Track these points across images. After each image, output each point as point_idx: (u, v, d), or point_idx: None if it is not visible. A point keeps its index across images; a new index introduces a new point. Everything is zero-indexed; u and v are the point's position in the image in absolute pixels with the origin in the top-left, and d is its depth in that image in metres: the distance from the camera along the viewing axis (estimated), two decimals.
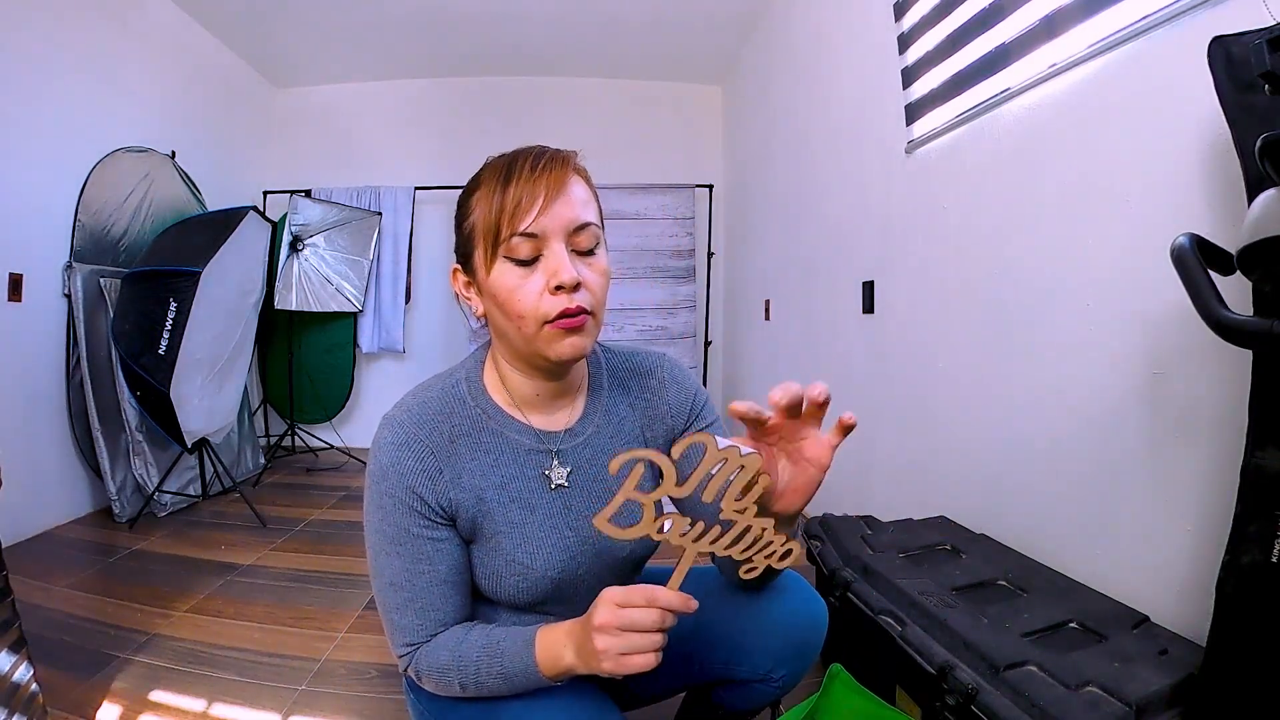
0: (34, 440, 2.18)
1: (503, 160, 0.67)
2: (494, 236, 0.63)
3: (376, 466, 0.67)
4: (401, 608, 0.67)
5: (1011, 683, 0.81)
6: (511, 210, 0.62)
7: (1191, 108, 0.96)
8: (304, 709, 1.21)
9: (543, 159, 0.65)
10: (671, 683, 0.87)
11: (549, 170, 0.64)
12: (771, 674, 0.79)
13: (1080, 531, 1.19)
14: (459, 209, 0.70)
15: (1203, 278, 0.68)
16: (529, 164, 0.64)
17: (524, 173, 0.63)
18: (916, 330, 1.77)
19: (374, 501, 0.68)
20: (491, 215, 0.63)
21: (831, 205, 2.30)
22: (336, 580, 1.84)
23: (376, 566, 0.68)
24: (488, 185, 0.65)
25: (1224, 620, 0.72)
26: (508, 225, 0.63)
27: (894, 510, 1.59)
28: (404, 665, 0.69)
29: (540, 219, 0.62)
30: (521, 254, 0.63)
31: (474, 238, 0.66)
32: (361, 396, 3.82)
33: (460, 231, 0.69)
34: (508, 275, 0.64)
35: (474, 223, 0.66)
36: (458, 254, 0.71)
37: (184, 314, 2.20)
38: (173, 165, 2.80)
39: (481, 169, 0.69)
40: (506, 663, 0.63)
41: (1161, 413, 1.04)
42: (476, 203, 0.67)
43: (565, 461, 0.73)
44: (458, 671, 0.65)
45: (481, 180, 0.67)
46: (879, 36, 1.91)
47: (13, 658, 0.94)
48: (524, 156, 0.66)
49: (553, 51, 3.50)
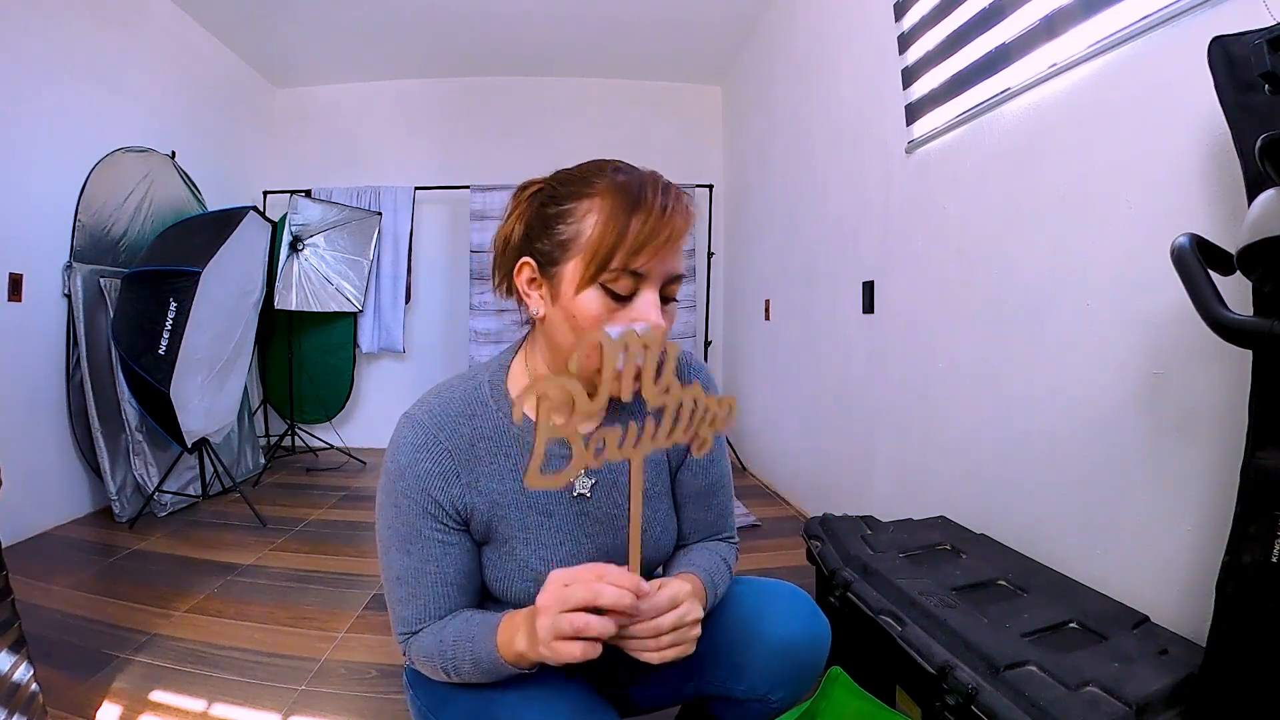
0: (34, 440, 2.18)
1: (627, 180, 0.63)
2: (601, 262, 0.61)
3: (394, 464, 0.67)
4: (405, 601, 0.68)
5: (1011, 683, 0.81)
6: (632, 245, 0.60)
7: (1191, 108, 0.96)
8: (304, 709, 1.21)
9: (670, 198, 0.63)
10: (669, 694, 0.86)
11: (677, 215, 0.62)
12: (769, 695, 0.77)
13: (1080, 531, 1.19)
14: (553, 203, 0.65)
15: (1203, 278, 0.68)
16: (658, 199, 0.62)
17: (653, 208, 0.61)
18: (916, 330, 1.77)
19: (388, 499, 0.67)
20: (607, 239, 0.60)
21: (831, 205, 2.30)
22: (336, 580, 1.84)
23: (386, 560, 0.69)
24: (607, 201, 0.62)
25: (1224, 620, 0.72)
26: (621, 258, 0.60)
27: (894, 510, 1.59)
28: (402, 649, 0.70)
29: (653, 262, 0.61)
30: (620, 289, 0.62)
31: (570, 249, 0.63)
32: (361, 397, 3.82)
33: (549, 231, 0.65)
34: (596, 304, 0.62)
35: (578, 234, 0.62)
36: (534, 249, 0.66)
37: (184, 314, 2.20)
38: (173, 165, 2.80)
39: (592, 172, 0.66)
40: (476, 646, 0.63)
41: (1161, 413, 1.04)
42: (587, 214, 0.63)
43: (590, 473, 0.73)
44: (439, 656, 0.65)
45: (596, 190, 0.63)
46: (879, 36, 1.91)
47: (13, 658, 0.93)
48: (652, 187, 0.63)
49: (553, 51, 3.50)
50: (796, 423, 2.63)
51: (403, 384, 3.82)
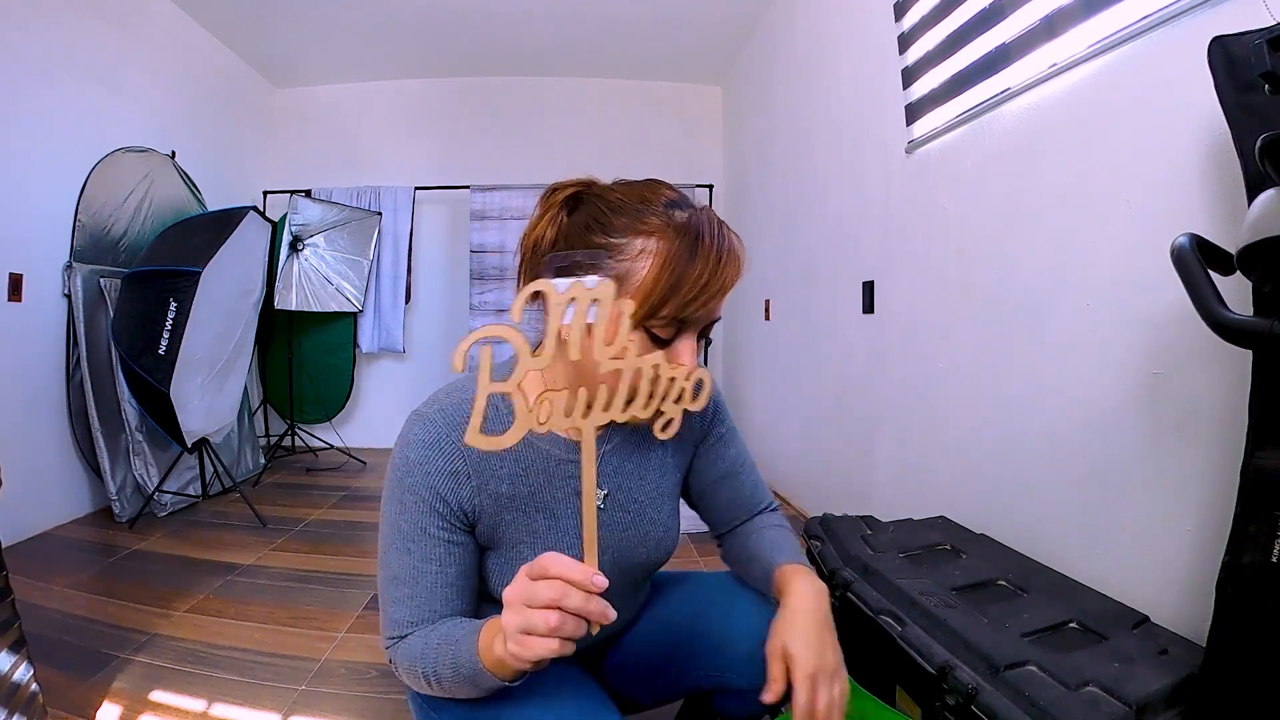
0: (34, 440, 2.18)
1: (685, 224, 0.60)
2: (650, 312, 0.59)
3: (402, 461, 0.66)
4: (400, 602, 0.66)
5: (1011, 683, 0.81)
6: (684, 298, 0.58)
7: (1191, 108, 0.96)
8: (304, 709, 1.21)
9: (724, 246, 0.61)
10: (668, 689, 0.86)
11: (729, 266, 0.60)
12: (756, 682, 0.78)
13: (1080, 531, 1.19)
14: (600, 229, 0.62)
15: (1203, 278, 0.68)
16: (714, 248, 0.60)
17: (709, 259, 0.59)
18: (916, 330, 1.77)
19: (394, 496, 0.66)
20: (660, 290, 0.58)
21: (831, 205, 2.30)
22: (336, 580, 1.84)
23: (385, 558, 0.67)
24: (663, 245, 0.59)
25: (1224, 620, 0.72)
26: (672, 306, 0.59)
27: (894, 510, 1.59)
28: (389, 656, 0.68)
29: (700, 312, 0.60)
30: (663, 335, 0.60)
31: (619, 287, 0.60)
32: (361, 396, 3.82)
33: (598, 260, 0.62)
34: (635, 346, 0.60)
35: (628, 273, 0.60)
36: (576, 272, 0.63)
37: (184, 314, 2.20)
38: (173, 165, 2.80)
39: (645, 201, 0.62)
40: (457, 649, 0.60)
41: (1161, 413, 1.04)
42: (640, 254, 0.60)
43: (603, 484, 0.73)
44: (422, 659, 0.63)
45: (651, 227, 0.60)
46: (879, 36, 1.91)
47: (13, 658, 0.94)
48: (708, 232, 0.60)
49: (553, 51, 3.50)
50: (796, 423, 2.63)
51: (403, 384, 3.83)
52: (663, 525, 0.78)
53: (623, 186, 0.66)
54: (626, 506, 0.74)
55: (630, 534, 0.75)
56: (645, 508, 0.76)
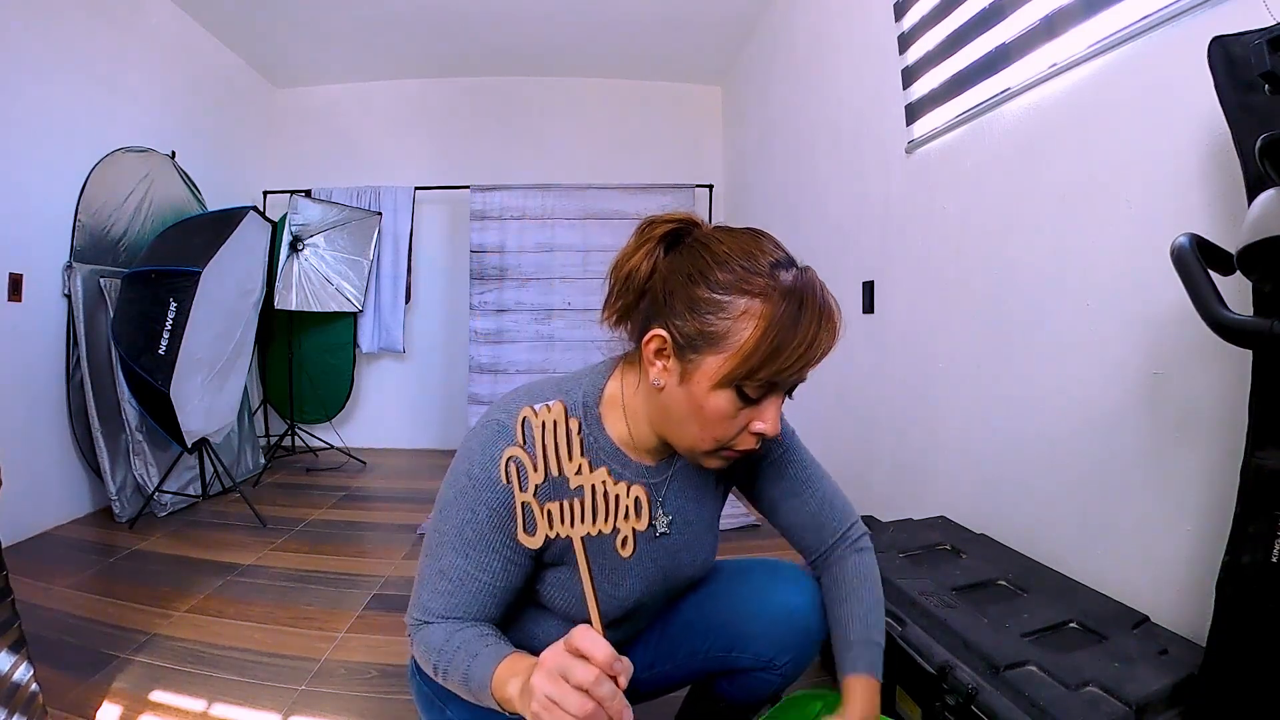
0: (34, 440, 2.18)
1: (790, 288, 0.60)
2: (748, 374, 0.59)
3: (481, 473, 0.64)
4: (438, 594, 0.66)
5: (1011, 683, 0.81)
6: (784, 362, 0.59)
7: (1191, 108, 0.96)
8: (304, 709, 1.21)
9: (825, 314, 0.61)
10: (675, 673, 0.87)
11: (827, 334, 0.61)
12: (774, 661, 0.80)
13: (1080, 531, 1.19)
14: (704, 284, 0.61)
15: (1203, 278, 0.68)
16: (815, 316, 0.60)
17: (810, 328, 0.60)
18: (916, 330, 1.77)
19: (464, 502, 0.65)
20: (760, 354, 0.59)
21: (831, 205, 2.30)
22: (336, 580, 1.84)
23: (437, 551, 0.67)
24: (768, 309, 0.59)
25: (1224, 620, 0.72)
26: (767, 370, 0.59)
27: (894, 510, 1.59)
28: (410, 631, 0.70)
29: (794, 377, 0.61)
30: (752, 394, 0.61)
31: (717, 345, 0.60)
32: (361, 397, 3.82)
33: (696, 313, 0.61)
34: (726, 404, 0.61)
35: (728, 333, 0.60)
36: (671, 324, 0.62)
37: (184, 314, 2.20)
38: (173, 165, 2.80)
39: (750, 257, 0.61)
40: (474, 665, 0.61)
41: (1161, 413, 1.04)
42: (743, 315, 0.59)
43: (668, 509, 0.75)
44: (439, 653, 0.64)
45: (756, 289, 0.60)
46: (879, 36, 1.91)
47: (13, 658, 0.93)
48: (810, 299, 0.61)
49: (553, 51, 3.50)
50: (796, 423, 2.62)
51: (403, 384, 3.83)
52: (710, 547, 0.81)
53: (726, 235, 0.65)
54: (684, 530, 0.77)
55: (683, 556, 0.77)
56: (701, 533, 0.79)
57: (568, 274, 3.50)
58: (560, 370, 3.49)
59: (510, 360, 3.48)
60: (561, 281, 3.50)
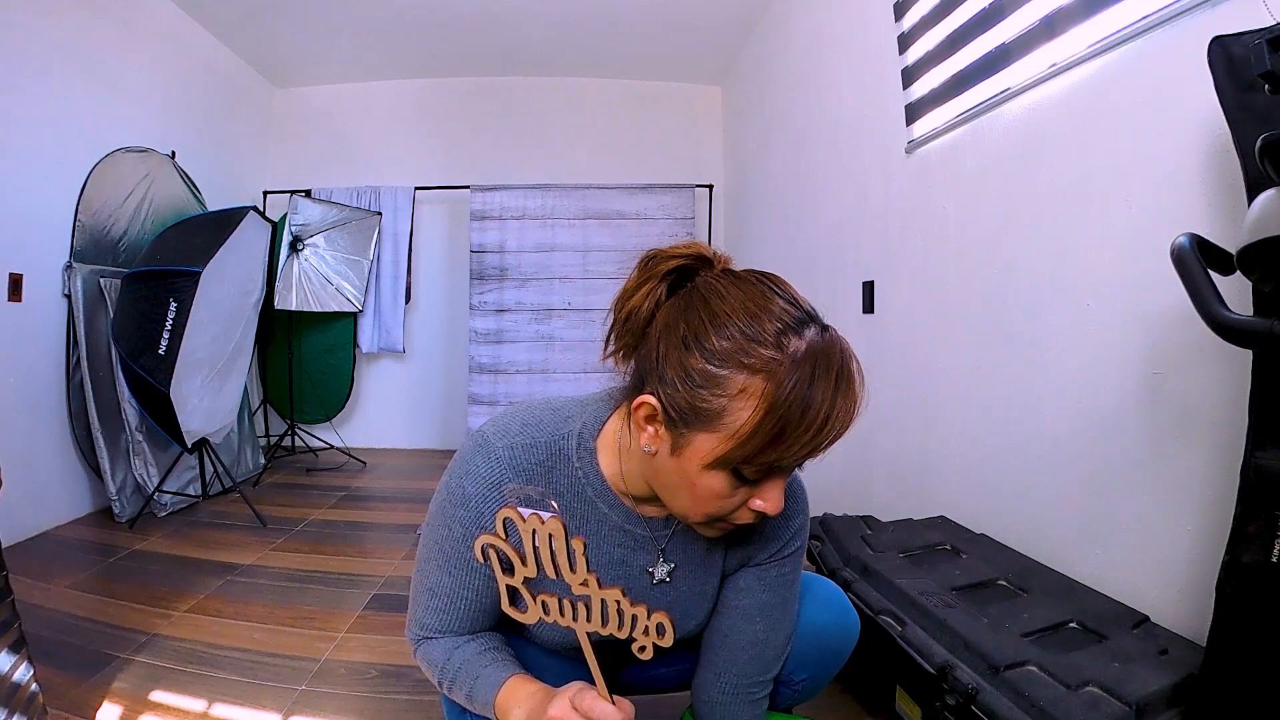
0: (34, 440, 2.18)
1: (798, 354, 0.51)
2: (742, 455, 0.52)
3: (459, 490, 0.64)
4: (431, 611, 0.68)
5: (1011, 683, 0.81)
6: (786, 449, 0.51)
7: (1191, 108, 0.96)
8: (304, 709, 1.21)
9: (839, 400, 0.52)
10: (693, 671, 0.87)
11: (838, 423, 0.52)
12: (793, 676, 0.80)
13: (1080, 531, 1.19)
14: (699, 351, 0.53)
15: (1203, 278, 0.68)
16: (833, 391, 0.51)
17: (823, 406, 0.50)
18: (916, 330, 1.77)
19: (445, 519, 0.65)
20: (759, 435, 0.51)
21: (831, 205, 2.30)
22: (336, 580, 1.84)
23: (425, 568, 0.68)
24: (771, 384, 0.50)
25: (1224, 620, 0.72)
26: (767, 455, 0.52)
27: (894, 510, 1.59)
28: (411, 646, 0.71)
29: (800, 461, 0.54)
30: (751, 476, 0.54)
31: (710, 423, 0.52)
32: (361, 397, 3.82)
33: (688, 384, 0.53)
34: (720, 484, 0.54)
35: (723, 412, 0.51)
36: (661, 389, 0.55)
37: (184, 314, 2.20)
38: (173, 165, 2.79)
39: (755, 321, 0.52)
40: (476, 686, 0.63)
41: (1161, 413, 1.04)
42: (740, 393, 0.51)
43: (668, 559, 0.71)
44: (442, 670, 0.67)
45: (757, 363, 0.51)
46: (879, 36, 1.91)
47: (13, 658, 0.93)
48: (826, 373, 0.51)
49: (553, 51, 3.50)
50: None
51: (403, 384, 3.83)
52: (695, 609, 0.75)
53: (731, 287, 0.55)
54: (690, 583, 0.73)
55: (686, 605, 0.73)
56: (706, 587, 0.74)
57: (568, 274, 3.50)
58: (560, 370, 3.49)
59: (510, 360, 3.48)
60: (561, 281, 3.50)
